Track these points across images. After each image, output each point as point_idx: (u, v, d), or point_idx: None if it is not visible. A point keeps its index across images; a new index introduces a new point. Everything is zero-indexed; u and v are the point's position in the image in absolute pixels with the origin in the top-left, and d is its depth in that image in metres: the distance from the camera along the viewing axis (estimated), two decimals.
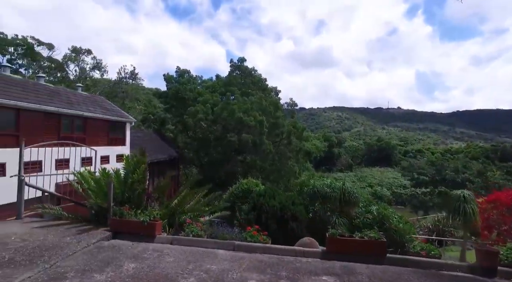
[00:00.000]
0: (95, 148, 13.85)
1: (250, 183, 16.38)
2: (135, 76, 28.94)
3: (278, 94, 30.17)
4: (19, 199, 6.50)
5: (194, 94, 25.39)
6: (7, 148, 9.43)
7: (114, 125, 15.47)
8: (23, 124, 10.01)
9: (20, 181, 6.52)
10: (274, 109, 24.18)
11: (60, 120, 11.72)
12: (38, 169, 10.63)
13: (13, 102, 9.48)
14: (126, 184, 6.70)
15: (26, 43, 24.48)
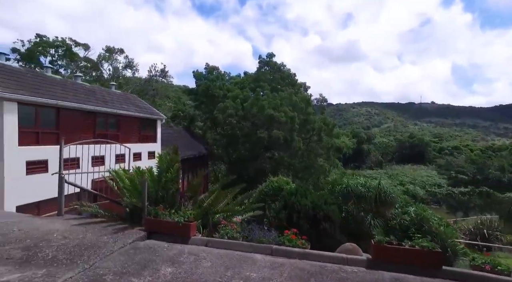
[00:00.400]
0: (128, 145, 14.17)
1: (281, 181, 16.08)
2: (165, 74, 29.54)
3: (307, 90, 29.56)
4: (60, 197, 6.64)
5: (223, 91, 25.44)
6: (49, 145, 9.77)
7: (146, 123, 15.74)
8: (62, 123, 10.35)
9: (60, 179, 6.65)
10: (305, 105, 23.68)
11: (96, 118, 12.04)
12: (76, 165, 10.97)
13: (54, 102, 9.80)
14: (160, 183, 6.65)
15: (65, 44, 25.69)
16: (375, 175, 61.21)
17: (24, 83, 9.60)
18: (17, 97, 8.59)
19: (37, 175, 9.38)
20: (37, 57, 24.75)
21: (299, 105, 23.09)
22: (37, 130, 9.50)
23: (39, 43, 24.90)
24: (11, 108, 8.52)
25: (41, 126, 9.66)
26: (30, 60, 24.65)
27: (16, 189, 8.67)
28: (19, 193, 8.75)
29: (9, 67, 10.29)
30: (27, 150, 9.06)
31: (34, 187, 9.21)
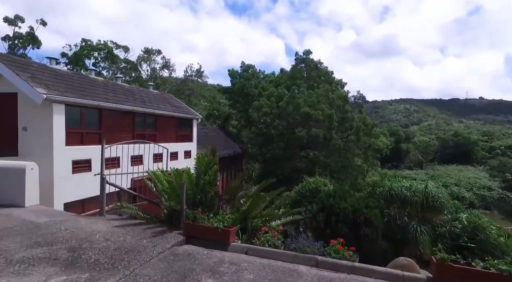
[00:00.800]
0: (165, 145, 14.40)
1: (318, 182, 15.52)
2: (200, 74, 29.98)
3: (344, 87, 28.52)
4: (102, 197, 6.74)
5: (258, 90, 25.27)
6: (92, 145, 10.10)
7: (182, 122, 15.94)
8: (104, 123, 10.68)
9: (102, 180, 6.75)
10: (343, 103, 22.83)
11: (135, 118, 12.33)
12: (116, 165, 11.28)
13: (96, 103, 10.11)
14: (198, 185, 6.52)
15: (106, 47, 26.98)
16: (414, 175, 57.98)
17: (71, 86, 10.00)
18: (64, 99, 8.93)
19: (81, 174, 9.73)
20: (83, 60, 26.22)
21: (336, 103, 22.28)
22: (82, 131, 9.86)
23: (84, 47, 26.36)
24: (59, 110, 8.88)
25: (85, 127, 10.01)
26: (76, 63, 26.15)
27: (63, 187, 9.04)
28: (66, 191, 9.12)
29: (58, 71, 10.79)
30: (73, 149, 9.42)
31: (79, 186, 9.56)
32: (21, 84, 8.47)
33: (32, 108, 8.88)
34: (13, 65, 8.87)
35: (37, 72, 9.38)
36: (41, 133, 8.85)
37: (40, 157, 8.81)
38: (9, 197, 7.12)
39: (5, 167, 7.20)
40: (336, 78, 28.09)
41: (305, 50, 27.04)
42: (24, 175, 7.03)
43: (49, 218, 6.25)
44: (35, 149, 8.95)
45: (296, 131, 21.64)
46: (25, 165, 7.09)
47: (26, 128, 9.01)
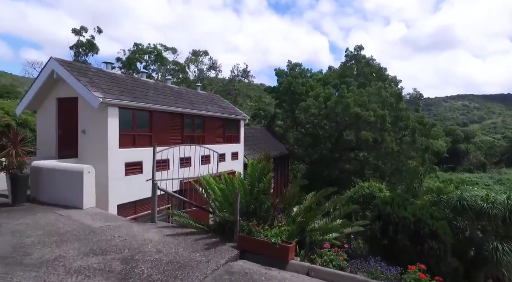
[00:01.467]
0: (213, 146, 14.29)
1: (372, 187, 14.36)
2: (247, 74, 29.88)
3: (398, 84, 26.44)
4: (153, 204, 6.59)
5: (306, 88, 24.40)
6: (143, 147, 10.21)
7: (230, 123, 15.76)
8: (154, 125, 10.77)
9: (153, 186, 6.61)
10: (396, 101, 21.10)
11: (183, 119, 12.34)
12: (166, 167, 11.34)
13: (148, 105, 10.20)
14: (252, 194, 6.07)
15: (156, 49, 28.05)
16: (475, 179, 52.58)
17: (124, 89, 10.20)
18: (118, 102, 9.08)
19: (133, 176, 9.86)
20: (135, 64, 27.51)
21: (389, 101, 20.63)
22: (134, 133, 10.00)
23: (136, 51, 27.65)
24: (113, 112, 9.05)
25: (137, 129, 10.14)
26: (129, 66, 27.51)
27: (117, 189, 9.20)
28: (119, 193, 9.27)
29: (113, 74, 11.10)
30: (125, 151, 9.57)
31: (131, 187, 9.69)
32: (81, 89, 8.75)
33: (90, 112, 9.14)
34: (74, 71, 9.22)
35: (94, 77, 9.67)
36: (97, 136, 9.08)
37: (96, 159, 9.05)
38: (70, 198, 7.31)
39: (67, 169, 7.41)
40: (390, 75, 26.10)
41: (356, 45, 25.47)
42: (82, 178, 7.15)
43: (104, 223, 6.23)
44: (92, 151, 9.21)
45: (344, 135, 20.44)
46: (82, 168, 7.22)
47: (85, 131, 9.31)
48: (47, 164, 7.83)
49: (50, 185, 7.65)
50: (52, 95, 10.03)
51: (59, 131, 10.04)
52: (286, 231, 5.54)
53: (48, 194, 7.66)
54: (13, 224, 5.96)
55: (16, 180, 7.33)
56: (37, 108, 10.39)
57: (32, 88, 9.90)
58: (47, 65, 9.45)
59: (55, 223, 6.05)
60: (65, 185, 7.39)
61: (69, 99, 9.64)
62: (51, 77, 9.48)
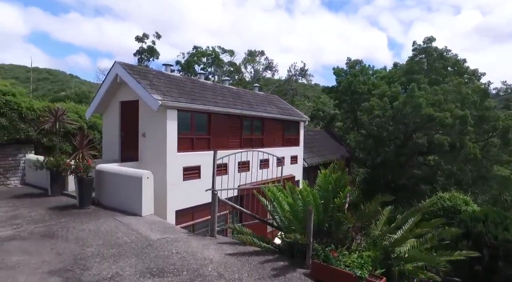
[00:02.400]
0: (272, 150, 13.56)
1: (455, 199, 12.34)
2: (304, 73, 28.76)
3: (481, 78, 22.95)
4: (213, 216, 6.02)
5: (368, 86, 22.47)
6: (201, 150, 9.87)
7: (289, 125, 14.91)
8: (213, 127, 10.38)
9: (213, 196, 6.04)
10: (480, 98, 18.18)
11: (242, 121, 11.81)
12: (224, 171, 10.89)
13: (206, 107, 9.83)
14: (326, 211, 5.14)
15: (214, 52, 28.44)
16: None
17: (183, 91, 9.97)
18: (177, 104, 8.82)
19: (191, 181, 9.54)
20: (193, 66, 28.19)
21: (471, 99, 17.84)
22: (192, 136, 9.69)
23: (195, 54, 28.34)
24: (172, 115, 8.81)
25: (195, 132, 9.82)
26: (188, 69, 28.31)
27: (175, 194, 8.93)
28: (177, 199, 9.00)
29: (172, 76, 11.00)
30: (184, 155, 9.28)
31: (189, 193, 9.38)
32: (141, 91, 8.65)
33: (149, 115, 9.03)
34: (135, 74, 9.20)
35: (154, 79, 9.57)
36: (156, 139, 8.92)
37: (155, 162, 8.88)
38: (129, 204, 7.13)
39: (126, 174, 7.25)
40: (470, 68, 22.68)
41: (426, 37, 22.59)
42: (141, 185, 6.90)
43: (161, 234, 5.83)
44: (151, 154, 9.08)
45: (414, 137, 18.19)
46: (141, 174, 6.97)
47: (145, 134, 9.23)
48: (109, 168, 7.78)
49: (112, 189, 7.58)
50: (116, 98, 10.19)
51: (121, 134, 10.17)
52: (367, 258, 4.51)
53: (110, 198, 7.60)
54: (78, 229, 5.87)
55: (82, 183, 7.37)
56: (103, 112, 10.68)
57: (99, 93, 10.16)
58: (112, 70, 9.58)
59: (114, 232, 5.81)
60: (125, 190, 7.23)
61: (131, 102, 9.67)
62: (115, 81, 9.59)
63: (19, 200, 8.08)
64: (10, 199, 8.16)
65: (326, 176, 5.56)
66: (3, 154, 9.96)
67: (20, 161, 10.31)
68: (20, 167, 10.31)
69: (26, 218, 6.55)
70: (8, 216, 6.63)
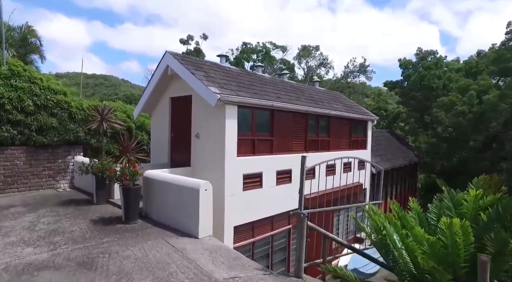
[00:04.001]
0: (339, 153, 11.61)
1: None
2: (365, 69, 26.03)
3: None
4: (299, 248, 4.32)
5: (443, 81, 19.38)
6: (263, 154, 8.31)
7: (356, 125, 12.84)
8: (276, 127, 8.77)
9: (301, 221, 4.36)
10: None
11: (307, 120, 10.04)
12: (287, 179, 9.23)
13: (270, 103, 8.26)
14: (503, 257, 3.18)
15: (265, 48, 27.00)
16: None
17: (241, 84, 8.51)
18: (238, 99, 7.34)
19: (252, 191, 8.02)
20: (242, 63, 27.01)
21: None
22: (253, 137, 8.15)
23: (244, 51, 27.15)
24: (231, 112, 7.35)
25: (257, 133, 8.27)
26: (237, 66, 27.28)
27: (234, 207, 7.47)
28: (236, 213, 7.53)
29: (228, 68, 9.62)
30: (244, 160, 7.78)
31: (250, 205, 7.88)
32: (196, 83, 7.31)
33: (204, 112, 7.68)
34: (188, 64, 7.92)
35: (210, 71, 8.23)
36: (213, 140, 7.52)
37: (211, 169, 7.49)
38: (183, 221, 5.74)
39: (179, 184, 5.87)
40: None
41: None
42: (198, 198, 5.46)
43: (228, 271, 4.28)
44: (206, 159, 7.72)
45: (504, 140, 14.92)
46: (198, 185, 5.53)
47: (199, 135, 7.90)
48: (159, 175, 6.49)
49: (162, 200, 6.26)
50: (166, 94, 9.03)
51: (171, 135, 8.98)
52: None
53: (160, 212, 6.29)
54: (122, 257, 4.56)
55: (128, 193, 6.15)
56: (151, 110, 9.62)
57: (147, 89, 9.08)
58: (162, 61, 8.40)
59: (166, 264, 4.38)
60: (178, 203, 5.86)
61: (183, 98, 8.42)
62: (166, 74, 8.40)
63: (64, 208, 7.19)
64: (56, 206, 7.35)
65: (477, 199, 3.59)
66: (53, 155, 9.31)
67: (69, 163, 9.60)
68: (69, 170, 9.59)
69: (66, 234, 5.47)
70: (49, 230, 5.65)
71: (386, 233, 3.98)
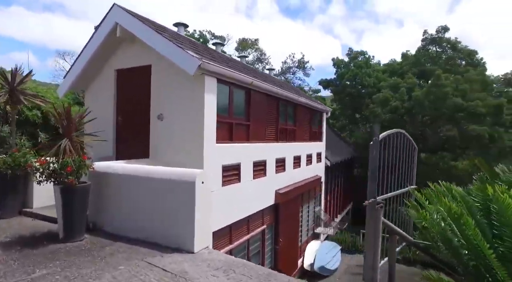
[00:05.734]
0: (301, 145, 10.87)
1: None
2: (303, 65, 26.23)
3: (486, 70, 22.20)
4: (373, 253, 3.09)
5: (373, 80, 20.71)
6: (240, 142, 6.88)
7: (314, 116, 12.31)
8: (252, 111, 7.41)
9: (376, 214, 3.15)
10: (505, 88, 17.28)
11: (278, 106, 8.95)
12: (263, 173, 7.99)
13: (250, 79, 6.85)
14: None
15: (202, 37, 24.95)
16: None
17: (214, 57, 6.90)
18: (219, 70, 5.76)
19: (230, 187, 6.52)
20: None
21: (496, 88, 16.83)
22: (230, 121, 6.66)
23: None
24: (211, 86, 5.74)
25: (234, 116, 6.79)
26: None
27: (213, 207, 5.85)
28: (215, 214, 5.92)
29: (193, 40, 7.89)
30: (223, 149, 6.24)
31: (228, 204, 6.38)
32: (165, 47, 5.48)
33: (172, 86, 5.88)
34: (149, 24, 5.97)
35: (176, 37, 6.42)
36: (183, 122, 5.80)
37: (182, 159, 5.75)
38: (168, 231, 3.96)
39: (163, 177, 4.07)
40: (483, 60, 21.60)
41: (440, 26, 21.18)
42: (194, 194, 3.79)
43: None
44: (173, 147, 5.93)
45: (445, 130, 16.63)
46: (193, 176, 3.85)
47: (163, 117, 6.04)
48: (122, 168, 4.54)
49: (126, 204, 4.32)
50: (110, 65, 6.83)
51: (118, 119, 6.82)
52: None
53: (122, 221, 4.34)
54: None
55: (72, 195, 4.06)
56: (86, 87, 7.23)
57: (82, 58, 6.71)
58: (108, 18, 6.21)
59: None
60: (157, 204, 4.05)
61: (136, 70, 6.42)
62: (112, 37, 6.26)
63: None
64: None
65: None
66: None
67: None
68: None
69: None
70: None
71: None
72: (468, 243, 3.24)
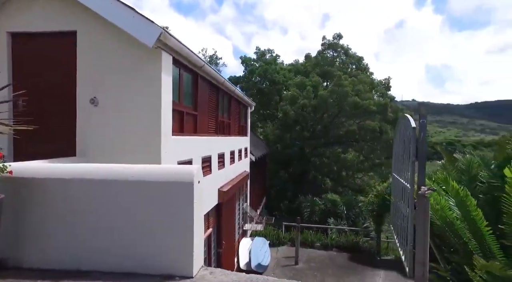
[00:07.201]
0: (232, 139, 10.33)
1: None
2: (215, 62, 25.13)
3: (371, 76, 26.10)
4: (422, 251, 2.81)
5: (281, 77, 21.64)
6: (189, 134, 5.91)
7: (242, 109, 11.89)
8: (200, 99, 6.45)
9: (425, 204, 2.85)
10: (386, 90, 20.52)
11: (218, 96, 8.14)
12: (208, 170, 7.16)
13: (201, 62, 5.89)
14: None
15: None
16: None
17: None
18: (177, 45, 4.66)
19: None
20: None
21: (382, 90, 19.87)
22: (181, 109, 5.60)
23: None
24: (167, 65, 4.62)
25: (184, 103, 5.74)
26: None
27: None
28: None
29: None
30: (178, 142, 5.17)
31: None
32: (105, 6, 4.08)
33: (111, 62, 4.50)
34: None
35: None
36: (129, 109, 4.54)
37: (126, 156, 4.49)
38: (150, 253, 2.86)
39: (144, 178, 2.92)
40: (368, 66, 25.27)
41: (335, 33, 23.77)
42: (192, 199, 2.84)
43: None
44: (114, 141, 4.59)
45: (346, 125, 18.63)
46: (191, 174, 2.88)
47: (97, 101, 4.57)
48: (65, 169, 3.11)
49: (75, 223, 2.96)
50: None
51: (19, 102, 4.87)
52: None
53: (66, 249, 2.96)
54: None
55: None
56: None
57: None
58: None
59: None
60: (133, 219, 2.88)
61: (51, 36, 4.70)
62: None
63: None
64: None
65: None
66: None
67: None
68: None
69: None
70: None
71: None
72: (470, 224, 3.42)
